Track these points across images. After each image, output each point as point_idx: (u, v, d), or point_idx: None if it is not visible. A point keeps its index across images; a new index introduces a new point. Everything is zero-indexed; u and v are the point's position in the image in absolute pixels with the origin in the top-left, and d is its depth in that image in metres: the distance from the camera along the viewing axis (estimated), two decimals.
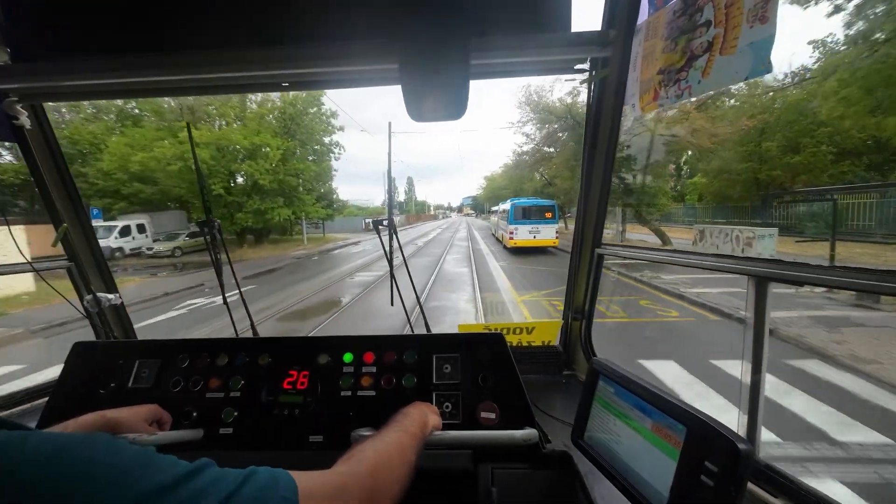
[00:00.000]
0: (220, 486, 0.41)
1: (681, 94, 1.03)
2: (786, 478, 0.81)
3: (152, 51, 1.14)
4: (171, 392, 1.09)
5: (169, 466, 0.41)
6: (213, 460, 0.45)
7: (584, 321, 1.52)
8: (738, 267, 0.90)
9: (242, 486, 0.42)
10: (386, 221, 1.41)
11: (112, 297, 1.56)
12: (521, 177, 32.30)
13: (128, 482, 0.37)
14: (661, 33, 1.08)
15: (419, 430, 0.80)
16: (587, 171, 1.36)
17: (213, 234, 1.43)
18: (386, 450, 0.66)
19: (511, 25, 1.02)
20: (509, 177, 38.73)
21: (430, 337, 1.19)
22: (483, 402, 1.05)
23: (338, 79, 1.24)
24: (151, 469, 0.39)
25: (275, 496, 0.43)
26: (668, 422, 0.68)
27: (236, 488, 0.41)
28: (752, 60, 0.85)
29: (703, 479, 0.60)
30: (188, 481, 0.40)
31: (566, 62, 1.15)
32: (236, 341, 1.20)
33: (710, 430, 0.60)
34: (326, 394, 1.08)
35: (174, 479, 0.39)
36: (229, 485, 0.41)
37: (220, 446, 1.02)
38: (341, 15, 1.07)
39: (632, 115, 1.29)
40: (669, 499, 0.65)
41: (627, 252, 1.36)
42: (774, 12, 0.80)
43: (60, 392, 1.11)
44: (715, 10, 0.91)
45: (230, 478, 0.43)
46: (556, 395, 1.39)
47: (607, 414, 0.84)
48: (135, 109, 20.44)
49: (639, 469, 0.73)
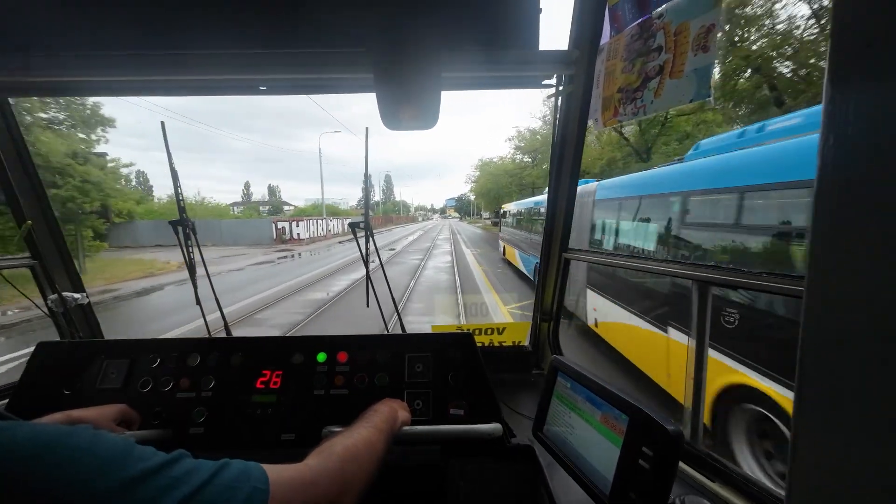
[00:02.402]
0: (194, 477, 0.43)
1: (637, 112, 1.11)
2: (721, 463, 0.89)
3: (123, 50, 1.14)
4: (140, 392, 1.09)
5: (148, 455, 0.43)
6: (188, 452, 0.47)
7: (551, 322, 1.60)
8: (684, 272, 0.99)
9: (215, 477, 0.44)
10: (363, 223, 1.44)
11: (79, 296, 1.53)
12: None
13: (111, 470, 0.39)
14: (620, 54, 1.16)
15: (388, 425, 0.83)
16: (555, 181, 1.43)
17: (187, 234, 1.43)
18: (354, 444, 0.69)
19: (481, 41, 1.07)
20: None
21: (403, 337, 1.22)
22: (452, 400, 1.09)
23: (315, 84, 1.27)
24: (133, 457, 0.41)
25: (246, 486, 0.45)
26: (614, 412, 0.75)
27: (209, 478, 0.44)
28: (696, 85, 0.93)
29: (641, 462, 0.66)
30: (166, 469, 0.42)
31: (534, 77, 1.22)
32: (209, 341, 1.21)
33: (646, 418, 0.67)
34: (299, 393, 1.09)
35: (154, 466, 0.42)
36: (203, 475, 0.44)
37: (190, 446, 1.02)
38: (319, 24, 1.10)
39: (595, 130, 1.37)
40: (613, 484, 0.71)
41: (591, 257, 1.44)
42: (714, 42, 0.89)
43: (22, 393, 1.09)
44: (666, 36, 1.00)
45: (204, 469, 0.45)
46: (524, 392, 1.45)
47: (564, 408, 0.90)
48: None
49: (589, 458, 0.79)
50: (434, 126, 1.06)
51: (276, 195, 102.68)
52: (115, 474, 0.39)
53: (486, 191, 36.45)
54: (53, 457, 0.38)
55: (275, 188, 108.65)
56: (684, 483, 0.90)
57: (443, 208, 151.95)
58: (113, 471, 0.39)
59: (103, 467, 0.39)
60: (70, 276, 1.55)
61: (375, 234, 1.46)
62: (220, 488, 0.44)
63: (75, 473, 0.38)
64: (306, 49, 1.13)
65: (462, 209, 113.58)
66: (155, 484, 0.40)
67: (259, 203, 79.20)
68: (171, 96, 1.38)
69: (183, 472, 0.43)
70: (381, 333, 1.28)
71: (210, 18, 1.11)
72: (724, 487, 0.86)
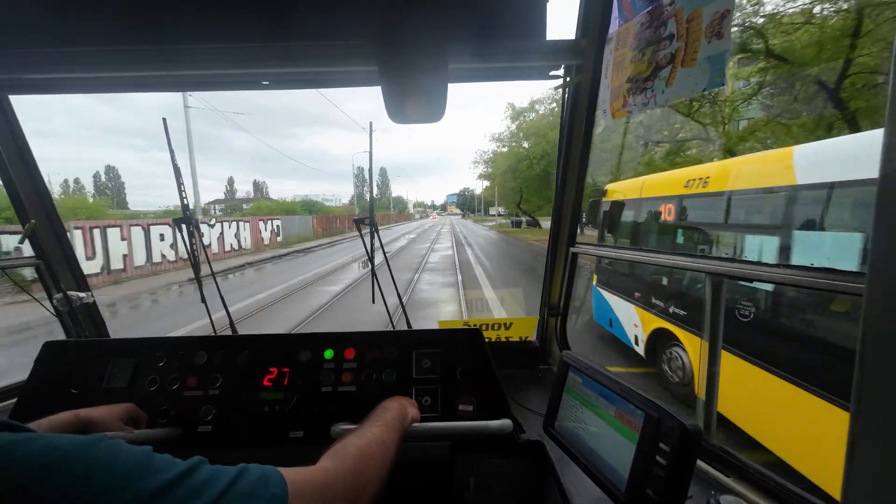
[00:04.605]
0: (215, 484, 0.42)
1: (647, 102, 1.09)
2: (736, 458, 0.88)
3: (124, 45, 1.12)
4: (147, 391, 1.08)
5: (167, 465, 0.42)
6: (205, 458, 0.46)
7: (559, 317, 1.58)
8: (697, 265, 0.97)
9: (235, 483, 0.43)
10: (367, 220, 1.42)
11: (83, 295, 1.52)
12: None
13: (128, 484, 0.38)
14: (629, 43, 1.14)
15: (399, 423, 0.83)
16: (562, 174, 1.41)
17: (191, 232, 1.42)
18: (367, 445, 0.68)
19: (487, 31, 1.05)
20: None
21: (410, 333, 1.22)
22: (460, 396, 1.08)
23: (319, 78, 1.25)
24: (153, 469, 0.40)
25: (266, 492, 0.44)
26: (629, 408, 0.74)
27: (229, 485, 0.43)
28: (709, 73, 0.91)
29: (658, 458, 0.65)
30: (186, 478, 0.41)
31: (541, 68, 1.20)
32: (214, 339, 1.20)
33: (663, 414, 0.66)
34: (307, 390, 1.09)
35: (174, 477, 0.40)
36: (223, 482, 0.43)
37: (199, 444, 1.02)
38: (322, 16, 1.08)
39: (603, 121, 1.35)
40: (629, 480, 0.70)
41: (599, 251, 1.43)
42: (729, 29, 0.87)
43: (29, 393, 1.09)
44: (677, 24, 0.97)
45: (223, 475, 0.44)
46: (532, 387, 1.44)
47: (576, 403, 0.89)
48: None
49: (603, 453, 0.78)
50: (441, 118, 1.04)
51: (262, 192, 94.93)
52: (135, 488, 0.38)
53: (510, 174, 24.37)
54: (71, 471, 0.37)
55: (261, 184, 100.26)
56: (698, 479, 0.89)
57: (443, 205, 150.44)
58: (133, 484, 0.38)
59: (123, 481, 0.38)
60: (75, 275, 1.55)
61: (314, 251, 1.40)
62: (240, 495, 0.43)
63: (94, 488, 0.37)
64: (309, 42, 1.11)
65: (464, 205, 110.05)
66: (176, 495, 0.39)
67: (243, 200, 74.29)
68: (171, 92, 1.36)
69: (203, 481, 0.42)
70: (387, 330, 1.27)
71: (210, 12, 1.09)
72: (739, 483, 0.85)
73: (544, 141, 21.58)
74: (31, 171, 1.41)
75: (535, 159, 22.22)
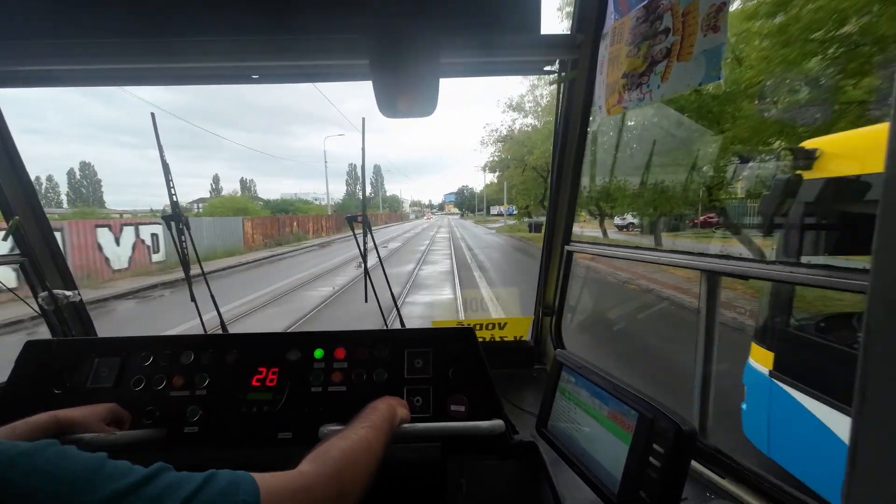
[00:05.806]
0: (178, 491, 0.40)
1: (643, 98, 1.07)
2: (732, 460, 0.87)
3: (114, 37, 1.10)
4: (133, 391, 1.06)
5: (122, 473, 0.39)
6: (170, 464, 0.43)
7: (553, 316, 1.57)
8: (692, 262, 0.95)
9: (200, 491, 0.41)
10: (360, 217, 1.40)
11: (70, 293, 1.49)
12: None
13: (75, 493, 0.35)
14: (625, 38, 1.12)
15: (387, 423, 0.81)
16: (557, 172, 1.40)
17: (181, 229, 1.39)
18: (352, 448, 0.66)
19: (481, 26, 1.03)
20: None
21: (402, 332, 1.20)
22: (453, 396, 1.06)
23: (309, 73, 1.23)
24: (103, 477, 0.38)
25: (235, 500, 0.42)
26: (622, 408, 0.72)
27: (194, 493, 0.40)
28: (705, 67, 0.90)
29: (652, 460, 0.64)
30: (143, 487, 0.39)
31: (535, 63, 1.18)
32: (203, 338, 1.18)
33: (657, 414, 0.64)
34: (296, 390, 1.07)
35: (127, 486, 0.38)
36: (187, 490, 0.40)
37: (185, 445, 1.00)
38: (313, 8, 1.06)
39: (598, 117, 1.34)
40: (621, 481, 0.69)
41: (594, 249, 1.42)
42: (725, 22, 0.85)
43: (9, 393, 1.06)
44: (673, 18, 0.96)
45: (188, 482, 0.41)
46: (526, 388, 1.43)
47: (569, 403, 0.87)
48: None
49: (596, 454, 0.77)
50: (433, 113, 1.02)
51: (250, 190, 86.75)
52: (82, 497, 0.35)
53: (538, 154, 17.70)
54: (9, 481, 0.34)
55: (248, 182, 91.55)
56: (693, 480, 0.88)
57: (440, 204, 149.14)
58: (80, 493, 0.35)
59: (68, 491, 0.35)
60: (61, 273, 1.52)
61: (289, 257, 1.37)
62: (206, 503, 0.40)
63: (34, 499, 0.34)
64: (299, 35, 1.09)
65: (463, 204, 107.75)
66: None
67: (199, 200, 64.85)
68: (160, 86, 1.34)
69: (163, 488, 0.39)
70: (379, 329, 1.25)
71: (202, 4, 1.07)
72: (735, 484, 0.84)
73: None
74: (16, 167, 1.38)
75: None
